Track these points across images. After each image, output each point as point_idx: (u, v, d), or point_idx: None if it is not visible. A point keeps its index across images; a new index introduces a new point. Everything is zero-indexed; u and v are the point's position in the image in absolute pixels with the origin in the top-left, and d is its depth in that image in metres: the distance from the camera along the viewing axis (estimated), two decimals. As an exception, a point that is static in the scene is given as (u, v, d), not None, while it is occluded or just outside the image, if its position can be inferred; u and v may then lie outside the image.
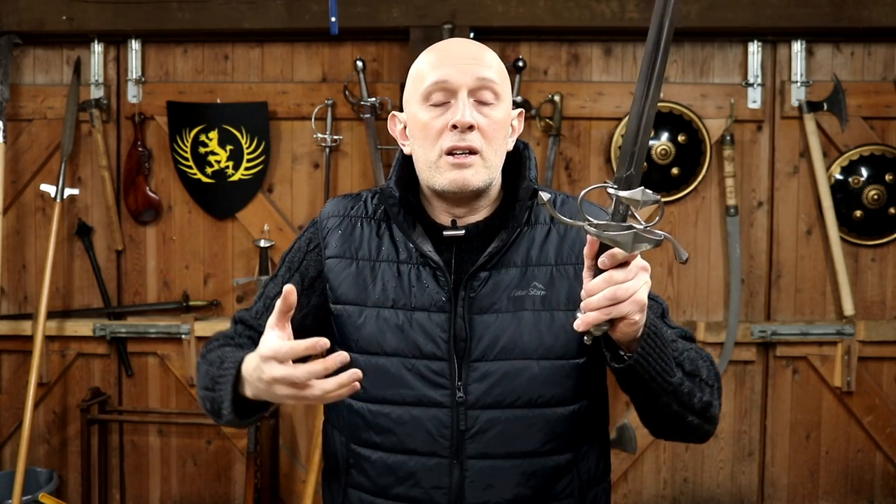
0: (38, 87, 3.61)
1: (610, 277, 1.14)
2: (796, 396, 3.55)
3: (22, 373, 3.60)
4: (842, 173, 3.47)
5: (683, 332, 1.42)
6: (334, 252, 1.43)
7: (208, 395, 1.35)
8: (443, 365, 1.35)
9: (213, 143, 3.52)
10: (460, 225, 1.39)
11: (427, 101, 1.35)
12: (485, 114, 1.34)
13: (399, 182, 1.43)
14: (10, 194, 3.59)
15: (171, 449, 3.68)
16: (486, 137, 1.33)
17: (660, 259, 3.55)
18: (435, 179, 1.35)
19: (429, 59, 1.38)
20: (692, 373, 1.30)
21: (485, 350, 1.35)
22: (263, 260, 3.51)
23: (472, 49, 1.38)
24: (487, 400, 1.34)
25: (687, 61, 3.53)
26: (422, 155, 1.37)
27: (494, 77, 1.35)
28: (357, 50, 3.51)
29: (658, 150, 3.46)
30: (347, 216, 1.46)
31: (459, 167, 1.33)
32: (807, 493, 3.58)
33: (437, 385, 1.35)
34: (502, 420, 1.34)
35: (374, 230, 1.43)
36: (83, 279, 3.65)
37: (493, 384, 1.34)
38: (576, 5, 3.36)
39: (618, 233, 1.11)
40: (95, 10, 3.44)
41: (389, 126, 1.48)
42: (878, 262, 3.54)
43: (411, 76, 1.41)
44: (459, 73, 1.33)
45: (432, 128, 1.34)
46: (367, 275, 1.40)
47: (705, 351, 1.41)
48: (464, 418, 1.34)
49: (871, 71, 3.50)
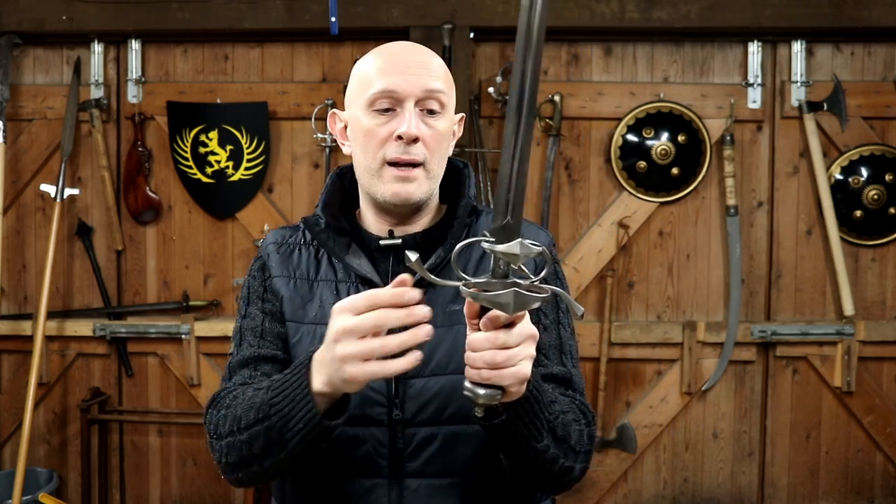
0: (38, 87, 3.61)
1: (494, 338, 1.06)
2: (796, 396, 3.55)
3: (22, 373, 3.60)
4: (842, 173, 3.47)
5: (567, 377, 1.36)
6: (276, 272, 1.41)
7: (258, 427, 1.19)
8: (379, 382, 1.30)
9: (213, 143, 3.52)
10: (398, 234, 1.37)
11: (372, 106, 1.31)
12: (430, 124, 1.31)
13: (328, 207, 1.41)
14: (10, 194, 3.59)
15: (171, 449, 3.68)
16: (429, 149, 1.31)
17: (660, 259, 3.55)
18: (376, 188, 1.33)
19: (376, 63, 1.34)
20: (562, 439, 1.24)
21: (421, 366, 1.22)
22: (263, 260, 3.50)
23: (420, 57, 1.34)
24: (424, 416, 1.30)
25: (687, 61, 3.53)
26: (363, 161, 1.34)
27: (442, 87, 1.32)
28: (357, 50, 3.50)
29: (658, 150, 3.46)
30: (285, 243, 1.43)
31: (403, 180, 1.31)
32: (807, 493, 3.58)
33: (374, 402, 1.30)
34: (440, 437, 1.30)
35: (313, 254, 1.41)
36: (83, 279, 3.65)
37: (429, 400, 1.30)
38: (576, 5, 3.36)
39: (497, 292, 1.01)
40: (95, 10, 3.44)
41: (329, 124, 1.44)
42: (878, 262, 3.54)
43: (356, 77, 1.36)
44: (407, 83, 1.29)
45: (376, 135, 1.31)
46: (305, 293, 1.38)
47: (586, 404, 1.36)
48: (401, 436, 1.30)
49: (871, 71, 3.50)
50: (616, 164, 3.49)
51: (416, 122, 1.29)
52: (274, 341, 1.37)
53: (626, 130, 3.48)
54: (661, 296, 3.56)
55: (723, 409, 3.57)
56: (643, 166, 3.48)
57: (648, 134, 3.47)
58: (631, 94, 3.49)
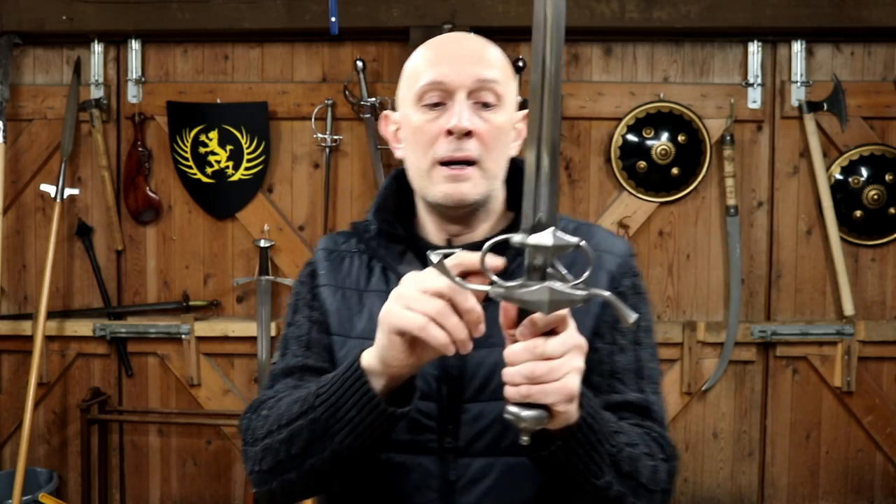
0: (38, 87, 3.61)
1: (533, 347, 0.93)
2: (796, 396, 3.55)
3: (22, 373, 3.60)
4: (842, 173, 3.47)
5: (645, 405, 1.20)
6: (324, 281, 1.30)
7: (301, 421, 1.09)
8: (431, 406, 1.17)
9: (213, 143, 3.52)
10: (456, 244, 1.23)
11: (420, 101, 1.21)
12: (485, 118, 1.19)
13: (381, 212, 1.30)
14: (10, 194, 3.59)
15: (171, 449, 3.68)
16: (485, 144, 1.19)
17: (660, 259, 3.55)
18: (427, 190, 1.22)
19: (425, 55, 1.24)
20: (629, 475, 1.09)
21: (478, 389, 1.17)
22: (263, 260, 3.50)
23: (472, 45, 1.24)
24: (480, 446, 1.17)
25: (687, 61, 3.53)
26: (414, 162, 1.24)
27: (497, 76, 1.20)
28: (357, 50, 3.50)
29: (658, 150, 3.46)
30: (337, 250, 1.33)
31: (454, 179, 1.19)
32: (807, 493, 3.57)
33: (425, 428, 1.17)
34: (496, 469, 1.17)
35: (365, 263, 1.30)
36: (83, 279, 3.65)
37: (487, 427, 1.16)
38: (576, 5, 3.36)
39: (530, 289, 0.90)
40: (95, 10, 3.44)
41: (381, 127, 1.35)
42: (878, 262, 3.54)
43: (405, 74, 1.27)
44: (457, 73, 1.19)
45: (425, 132, 1.20)
46: (354, 305, 1.26)
47: (665, 437, 1.19)
48: (454, 467, 1.17)
49: (871, 71, 3.50)
50: (616, 164, 3.49)
51: (467, 115, 1.17)
52: (321, 353, 1.26)
53: (626, 130, 3.48)
54: (661, 296, 3.56)
55: (723, 409, 3.57)
56: (643, 166, 3.48)
57: (648, 134, 3.47)
58: (631, 94, 3.49)
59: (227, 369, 3.63)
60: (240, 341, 3.56)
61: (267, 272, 3.50)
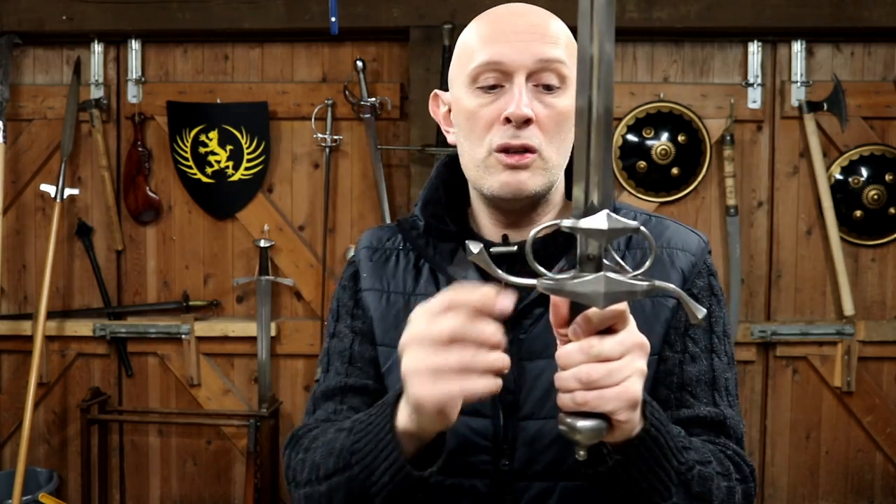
0: (38, 87, 3.62)
1: (588, 347, 0.82)
2: (796, 396, 3.55)
3: (22, 373, 3.60)
4: (842, 173, 3.47)
5: (720, 420, 1.08)
6: (367, 284, 1.19)
7: (339, 478, 1.00)
8: (485, 423, 1.07)
9: (213, 143, 3.53)
10: (514, 241, 1.13)
11: (475, 83, 1.09)
12: (546, 102, 1.07)
13: (429, 206, 1.19)
14: (10, 194, 3.59)
15: (171, 449, 3.68)
16: (546, 132, 1.07)
17: (660, 259, 3.55)
18: (483, 181, 1.10)
19: (479, 30, 1.11)
20: (700, 497, 0.97)
21: (536, 405, 1.06)
22: (263, 260, 3.50)
23: (533, 18, 1.09)
24: (538, 468, 1.06)
25: (687, 61, 3.53)
26: (468, 150, 1.12)
27: (561, 55, 1.07)
28: (357, 50, 3.50)
29: (658, 150, 3.46)
30: (381, 248, 1.21)
31: (513, 169, 1.07)
32: (807, 493, 3.57)
33: (478, 448, 1.07)
34: (557, 493, 1.06)
35: (412, 262, 1.18)
36: (83, 279, 3.65)
37: (546, 447, 1.06)
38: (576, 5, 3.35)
39: (582, 279, 0.80)
40: (95, 10, 3.44)
41: (431, 108, 1.22)
42: (878, 262, 3.54)
43: (458, 50, 1.14)
44: (516, 52, 1.06)
45: (480, 118, 1.08)
46: (400, 310, 1.14)
47: (742, 455, 1.08)
48: (509, 491, 1.06)
49: (871, 71, 3.50)
50: (616, 164, 3.50)
51: (527, 101, 1.05)
52: (364, 368, 1.16)
53: (626, 130, 3.48)
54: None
55: (723, 409, 3.57)
56: (643, 166, 3.48)
57: (648, 134, 3.47)
58: (631, 94, 3.49)
59: (227, 369, 3.63)
60: (240, 341, 3.56)
61: (267, 272, 3.50)
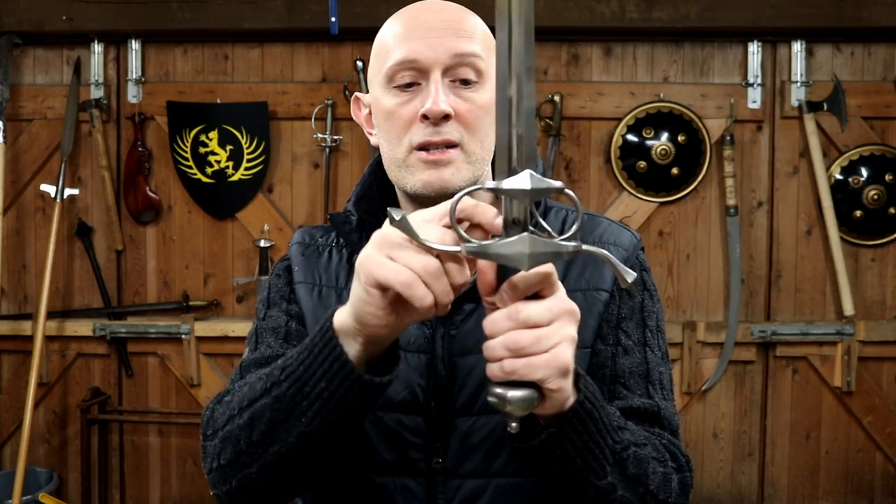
0: (38, 87, 3.61)
1: (516, 313, 0.79)
2: (796, 396, 3.55)
3: (22, 373, 3.60)
4: (842, 173, 3.47)
5: (654, 411, 1.07)
6: (300, 278, 1.18)
7: (264, 400, 0.94)
8: (418, 420, 1.05)
9: (213, 143, 3.53)
10: None
11: (391, 82, 1.07)
12: (465, 97, 1.05)
13: (362, 202, 1.18)
14: (10, 194, 3.59)
15: (171, 449, 3.68)
16: (467, 126, 1.05)
17: (660, 259, 3.55)
18: (405, 181, 1.08)
19: (394, 29, 1.09)
20: (636, 478, 0.96)
21: (469, 400, 1.05)
22: (263, 260, 3.51)
23: (447, 15, 1.08)
24: (471, 465, 1.05)
25: (687, 61, 3.53)
26: (388, 150, 1.10)
27: (477, 49, 1.06)
28: (357, 50, 3.51)
29: (658, 150, 3.46)
30: (314, 244, 1.20)
31: (434, 165, 1.05)
32: (807, 493, 3.57)
33: (410, 445, 1.05)
34: (490, 491, 1.05)
35: (346, 257, 1.17)
36: (83, 279, 3.65)
37: (478, 444, 1.05)
38: (576, 5, 3.36)
39: (506, 240, 0.77)
40: (95, 10, 3.44)
41: (353, 112, 1.21)
42: (878, 262, 3.54)
43: (374, 50, 1.12)
44: (430, 48, 1.04)
45: (399, 117, 1.06)
46: (332, 304, 1.11)
47: (679, 446, 1.07)
48: (441, 490, 1.05)
49: (871, 71, 3.50)
50: (616, 164, 3.50)
51: (444, 96, 1.04)
52: None
53: (626, 130, 3.48)
54: (661, 296, 3.55)
55: (723, 409, 3.57)
56: (643, 166, 3.48)
57: (648, 134, 3.47)
58: (631, 95, 3.49)
59: (227, 369, 3.63)
60: (240, 341, 3.55)
61: (267, 272, 3.50)
